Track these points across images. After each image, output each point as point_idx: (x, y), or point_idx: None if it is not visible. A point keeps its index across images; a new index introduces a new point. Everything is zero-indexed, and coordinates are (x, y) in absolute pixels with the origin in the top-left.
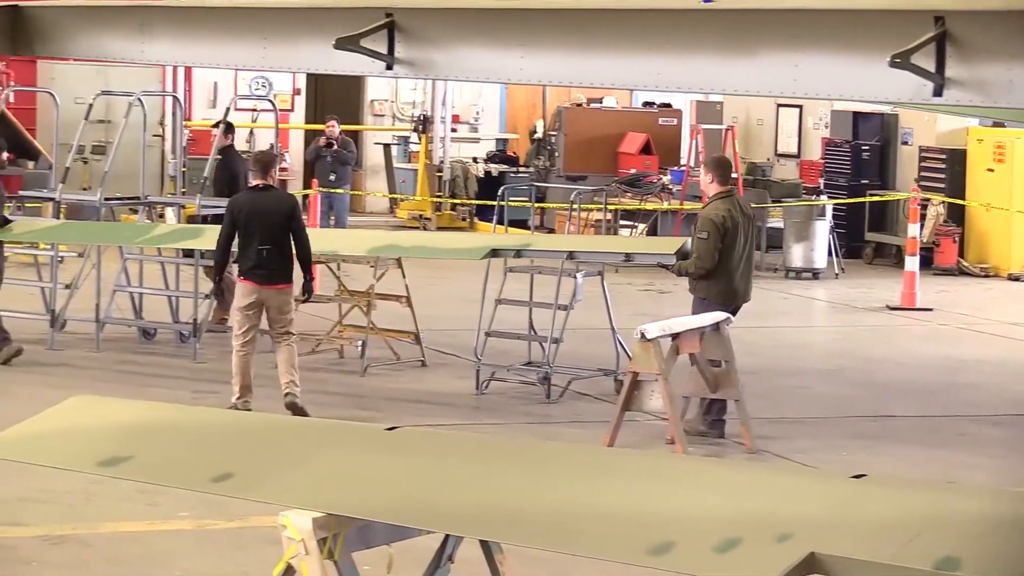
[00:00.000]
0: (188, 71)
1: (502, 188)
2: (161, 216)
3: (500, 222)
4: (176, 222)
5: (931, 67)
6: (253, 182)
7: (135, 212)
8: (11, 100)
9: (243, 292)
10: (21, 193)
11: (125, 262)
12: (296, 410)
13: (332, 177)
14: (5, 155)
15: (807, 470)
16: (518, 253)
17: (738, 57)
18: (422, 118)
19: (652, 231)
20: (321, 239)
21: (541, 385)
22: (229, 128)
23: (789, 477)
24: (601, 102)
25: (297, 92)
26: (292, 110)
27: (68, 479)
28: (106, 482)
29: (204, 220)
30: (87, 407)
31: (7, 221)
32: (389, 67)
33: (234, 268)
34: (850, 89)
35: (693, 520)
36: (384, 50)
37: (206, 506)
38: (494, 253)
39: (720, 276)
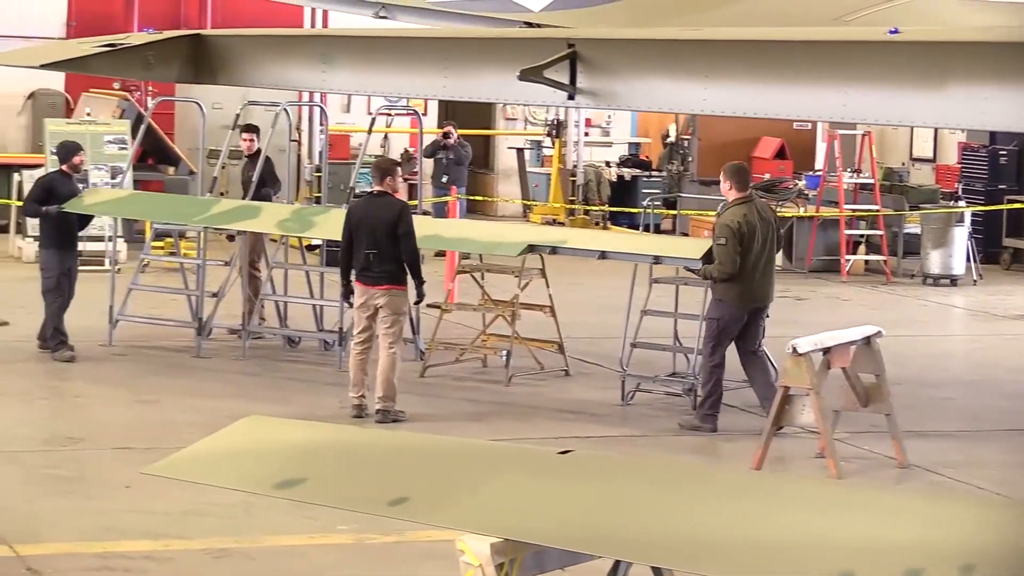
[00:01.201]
0: None
1: (648, 199)
2: None
3: (647, 228)
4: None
5: None
6: (373, 188)
7: None
8: (149, 105)
9: (356, 293)
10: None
11: (271, 270)
12: (383, 419)
13: (444, 179)
14: (78, 159)
15: (985, 497)
16: (553, 250)
17: (925, 89)
18: (555, 122)
19: (788, 237)
20: None
21: (686, 396)
22: (253, 130)
23: (967, 505)
24: None
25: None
26: (425, 114)
27: (229, 492)
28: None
29: None
30: (259, 428)
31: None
32: (571, 97)
33: None
34: None
35: (873, 549)
36: (566, 80)
37: (364, 520)
38: (531, 249)
39: (737, 279)
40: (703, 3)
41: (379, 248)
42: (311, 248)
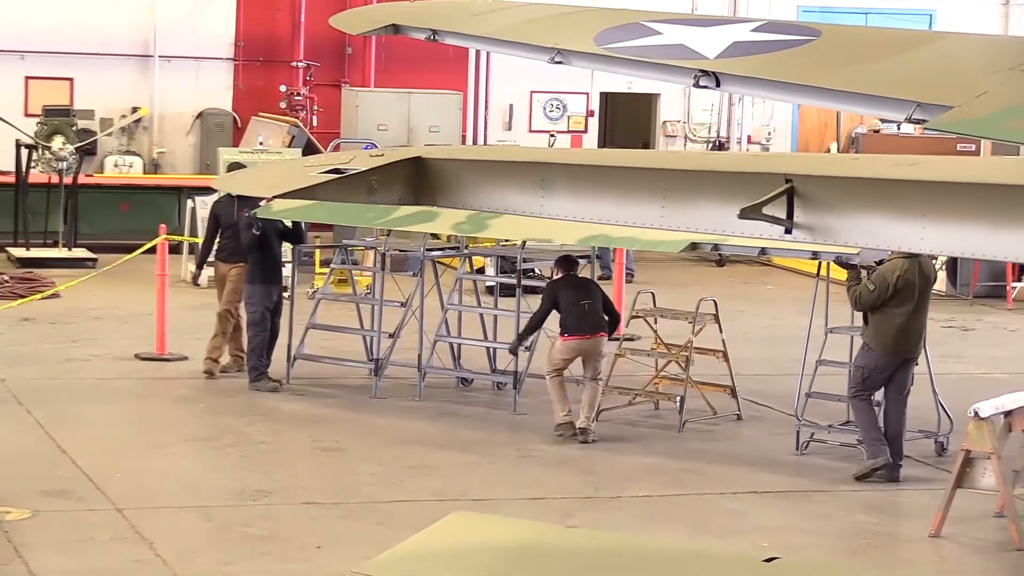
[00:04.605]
0: (487, 97)
1: None
2: (480, 271)
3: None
4: (494, 273)
5: None
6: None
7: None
8: (315, 124)
9: (570, 346)
10: (344, 242)
11: (446, 312)
12: (585, 438)
13: None
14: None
15: None
16: (715, 246)
17: None
18: (717, 144)
19: (952, 264)
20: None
21: (860, 446)
22: None
23: None
24: (898, 127)
25: (591, 114)
26: (586, 132)
27: None
28: None
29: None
30: (466, 526)
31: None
32: (788, 231)
33: None
34: None
35: None
36: (783, 215)
37: None
38: (693, 246)
39: (884, 329)
40: (880, 52)
41: (592, 298)
42: (479, 270)
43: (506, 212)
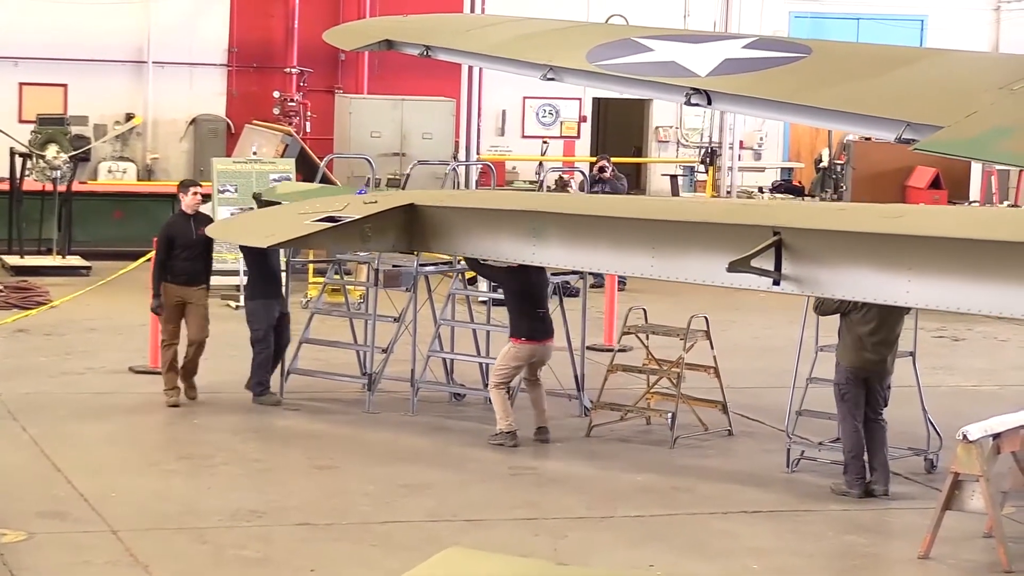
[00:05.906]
0: (480, 104)
1: None
2: (473, 282)
3: None
4: (488, 290)
5: None
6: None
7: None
8: (308, 131)
9: (527, 352)
10: (339, 256)
11: (438, 327)
12: (545, 437)
13: None
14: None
15: None
16: None
17: None
18: (709, 151)
19: None
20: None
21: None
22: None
23: None
24: None
25: (583, 120)
26: (579, 137)
27: None
28: None
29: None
30: (461, 562)
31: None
32: (776, 283)
33: None
34: None
35: None
36: (771, 266)
37: None
38: None
39: (850, 344)
40: (870, 70)
41: (546, 304)
42: (471, 280)
43: (498, 260)
